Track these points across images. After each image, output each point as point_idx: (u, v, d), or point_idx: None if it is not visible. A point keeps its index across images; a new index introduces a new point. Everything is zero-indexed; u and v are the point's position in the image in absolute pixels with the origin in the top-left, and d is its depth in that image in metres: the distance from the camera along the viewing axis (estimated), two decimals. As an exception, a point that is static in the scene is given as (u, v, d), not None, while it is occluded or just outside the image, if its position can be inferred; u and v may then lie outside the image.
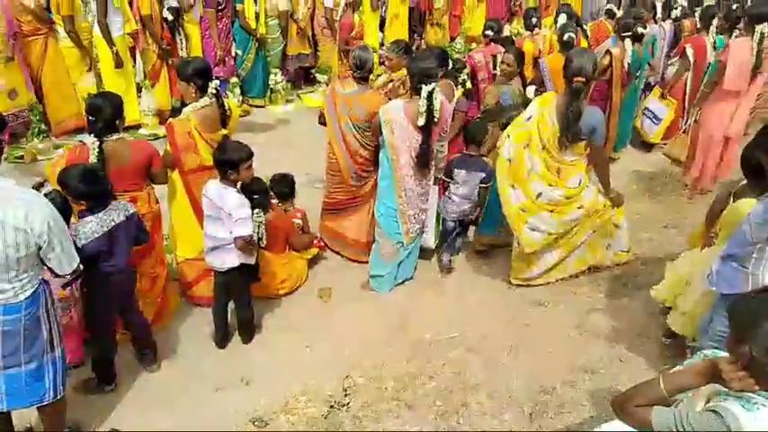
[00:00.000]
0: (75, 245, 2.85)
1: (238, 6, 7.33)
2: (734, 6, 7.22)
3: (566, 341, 3.79)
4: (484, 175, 4.41)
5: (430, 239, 4.56)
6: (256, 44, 7.62)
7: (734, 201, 3.33)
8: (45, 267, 2.54)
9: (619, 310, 4.05)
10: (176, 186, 3.82)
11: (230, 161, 3.35)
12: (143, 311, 3.50)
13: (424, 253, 4.58)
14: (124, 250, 3.11)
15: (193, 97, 3.72)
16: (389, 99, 4.30)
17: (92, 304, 3.18)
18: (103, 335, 3.27)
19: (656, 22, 7.11)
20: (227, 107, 3.81)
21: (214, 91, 3.70)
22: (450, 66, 4.98)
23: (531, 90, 4.37)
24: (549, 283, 4.31)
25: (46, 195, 2.58)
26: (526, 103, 4.73)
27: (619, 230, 4.30)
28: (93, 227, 2.93)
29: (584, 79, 3.71)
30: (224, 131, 3.81)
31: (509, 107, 4.72)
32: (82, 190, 2.92)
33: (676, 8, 7.27)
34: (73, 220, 2.99)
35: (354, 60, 4.26)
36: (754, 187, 2.95)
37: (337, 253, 4.70)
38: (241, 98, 7.65)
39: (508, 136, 3.99)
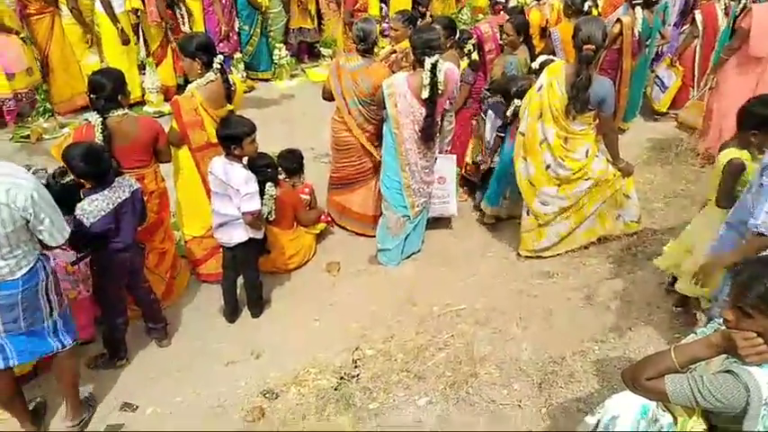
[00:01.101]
0: (84, 224, 2.88)
1: None
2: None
3: (575, 312, 3.78)
4: (500, 123, 4.51)
5: (453, 207, 4.58)
6: (261, 19, 7.51)
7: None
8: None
9: (628, 281, 4.03)
10: (183, 164, 3.80)
11: (233, 136, 3.33)
12: (152, 287, 3.51)
13: (432, 224, 4.55)
14: (130, 227, 3.12)
15: (198, 73, 3.67)
16: (393, 71, 4.24)
17: (101, 281, 3.20)
18: (114, 311, 3.29)
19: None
20: (231, 82, 3.77)
21: (219, 66, 3.65)
22: (458, 36, 4.91)
23: (538, 61, 4.29)
24: (557, 255, 4.29)
25: (35, 173, 2.59)
26: (532, 72, 4.66)
27: (629, 201, 4.26)
28: (99, 205, 2.94)
29: (593, 47, 3.64)
30: (230, 107, 3.77)
31: (514, 77, 4.65)
32: (84, 169, 2.91)
33: None
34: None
35: (357, 33, 4.19)
36: (742, 141, 3.10)
37: (344, 228, 4.69)
38: (245, 74, 7.58)
39: (525, 110, 3.96)
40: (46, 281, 2.58)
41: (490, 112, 4.68)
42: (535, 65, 4.29)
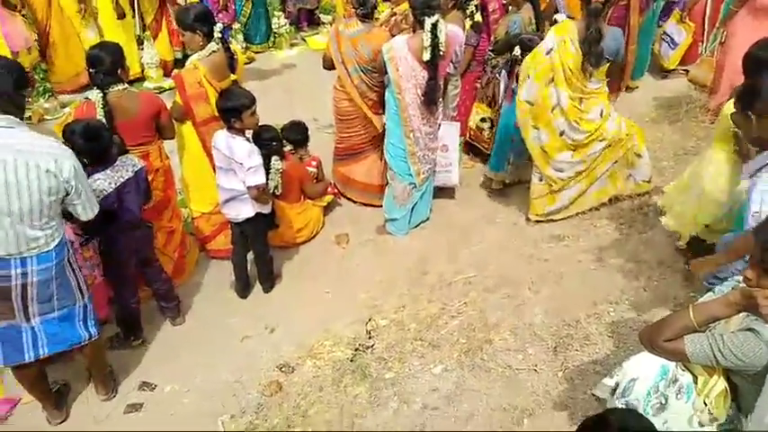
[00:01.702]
0: None
1: None
2: None
3: (587, 274, 3.76)
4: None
5: (455, 177, 4.51)
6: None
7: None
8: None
9: (640, 241, 4.00)
10: (188, 139, 3.75)
11: (232, 108, 3.27)
12: (162, 266, 3.51)
13: (438, 193, 4.52)
14: (135, 206, 3.10)
15: (200, 45, 3.59)
16: (393, 35, 4.13)
17: (111, 261, 3.19)
18: (125, 291, 3.30)
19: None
20: (233, 52, 3.69)
21: (219, 35, 3.57)
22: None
23: (557, 17, 4.16)
24: (568, 218, 4.25)
25: None
26: (539, 31, 4.55)
27: (640, 160, 4.19)
28: (101, 184, 2.91)
29: (601, 2, 3.55)
30: (233, 77, 3.70)
31: (518, 35, 4.54)
32: (84, 146, 2.87)
33: None
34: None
35: None
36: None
37: (350, 199, 4.66)
38: (245, 45, 7.45)
39: (528, 76, 3.85)
40: (69, 255, 2.64)
41: (504, 72, 4.57)
42: (560, 17, 4.14)
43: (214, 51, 3.58)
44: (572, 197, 4.16)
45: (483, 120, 4.85)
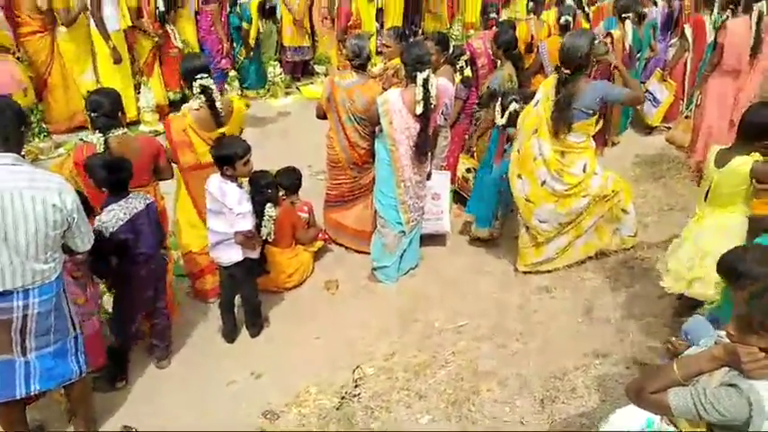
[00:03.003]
0: (104, 235, 2.97)
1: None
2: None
3: (575, 327, 3.79)
4: None
5: (446, 224, 4.58)
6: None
7: (719, 166, 3.29)
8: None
9: (626, 295, 4.05)
10: (182, 181, 3.81)
11: (225, 156, 3.36)
12: (167, 302, 3.51)
13: (427, 241, 4.56)
14: (149, 238, 3.18)
15: (193, 95, 3.67)
16: (384, 89, 4.26)
17: (123, 293, 3.23)
18: (130, 324, 3.33)
19: (655, 4, 7.03)
20: (219, 107, 3.64)
21: (200, 89, 3.56)
22: (450, 52, 4.95)
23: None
24: (555, 270, 4.30)
25: None
26: (519, 86, 4.72)
27: (626, 216, 4.28)
28: (116, 214, 3.03)
29: (569, 71, 3.73)
30: (221, 130, 3.67)
31: (497, 92, 4.71)
32: (106, 177, 3.02)
33: None
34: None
35: (351, 48, 4.21)
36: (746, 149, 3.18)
37: (341, 245, 4.69)
38: (241, 91, 7.62)
39: (520, 126, 4.02)
40: (64, 286, 2.66)
41: (494, 133, 4.63)
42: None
43: (195, 109, 3.61)
44: (558, 249, 4.23)
45: (468, 170, 4.99)
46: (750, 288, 2.00)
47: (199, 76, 3.53)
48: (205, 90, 3.56)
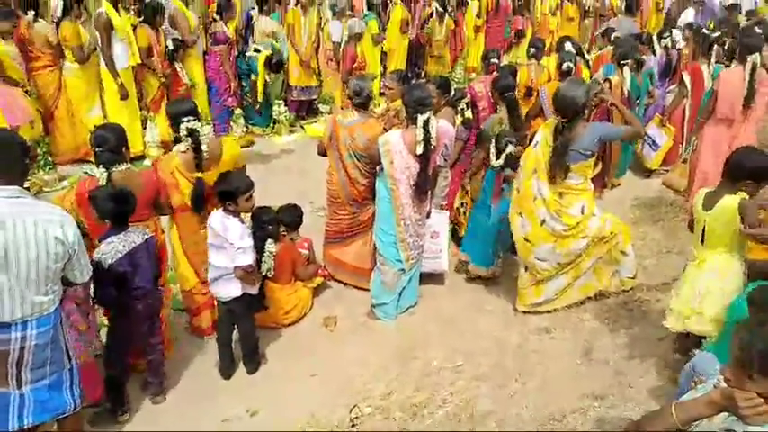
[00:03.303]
0: (103, 266, 2.98)
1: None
2: (729, 35, 7.30)
3: (574, 368, 3.76)
4: None
5: (445, 263, 4.59)
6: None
7: (707, 208, 3.32)
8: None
9: (625, 337, 4.03)
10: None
11: (228, 192, 3.40)
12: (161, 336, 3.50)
13: (427, 279, 4.57)
14: (147, 272, 3.19)
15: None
16: (386, 129, 4.35)
17: (119, 326, 3.22)
18: (125, 357, 3.32)
19: (654, 54, 7.17)
20: (204, 150, 3.59)
21: (186, 132, 3.54)
22: (452, 94, 5.06)
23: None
24: (555, 310, 4.29)
25: None
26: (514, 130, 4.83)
27: (625, 257, 4.29)
28: (115, 246, 3.05)
29: (566, 119, 3.80)
30: (198, 175, 3.61)
31: (487, 134, 4.82)
32: (112, 209, 3.06)
33: (666, 38, 7.34)
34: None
35: (353, 88, 4.32)
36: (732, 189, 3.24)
37: (340, 281, 4.70)
38: (245, 128, 7.74)
39: (521, 166, 4.08)
40: (61, 317, 2.66)
41: (491, 174, 4.69)
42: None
43: (182, 152, 3.61)
44: (557, 290, 4.23)
45: (462, 204, 5.08)
46: (741, 334, 2.00)
47: (185, 119, 3.51)
48: (191, 133, 3.53)
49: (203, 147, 3.57)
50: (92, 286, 3.02)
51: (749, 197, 3.20)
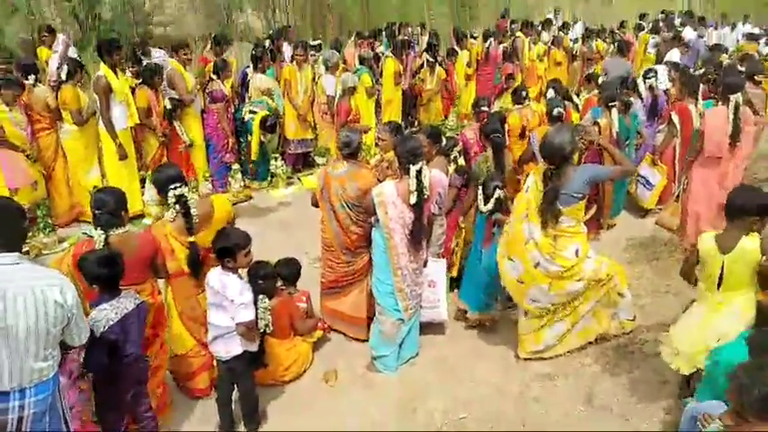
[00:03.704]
0: (93, 334, 2.93)
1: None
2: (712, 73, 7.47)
3: (577, 415, 3.72)
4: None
5: (443, 312, 4.58)
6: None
7: (725, 251, 3.33)
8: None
9: (627, 380, 3.99)
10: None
11: (226, 249, 3.42)
12: (150, 402, 3.45)
13: (425, 329, 4.55)
14: (136, 339, 3.16)
15: None
16: (378, 180, 4.41)
17: (106, 394, 3.17)
18: (120, 422, 3.25)
19: (640, 98, 7.30)
20: (194, 214, 3.60)
21: (174, 199, 3.55)
22: (444, 143, 5.16)
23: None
24: (556, 356, 4.26)
25: None
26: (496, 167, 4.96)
27: (623, 299, 4.28)
28: (107, 314, 3.01)
29: (553, 166, 3.87)
30: (190, 239, 3.62)
31: (475, 174, 4.93)
32: (100, 274, 3.02)
33: (651, 77, 7.49)
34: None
35: (342, 139, 4.41)
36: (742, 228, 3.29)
37: (339, 332, 4.68)
38: (243, 183, 7.84)
39: (513, 211, 4.13)
40: (59, 383, 2.65)
41: (481, 218, 4.80)
42: None
43: (170, 220, 3.63)
44: (557, 336, 4.21)
45: (456, 244, 5.12)
46: (736, 381, 2.01)
47: (172, 185, 3.53)
48: (179, 199, 3.55)
49: (193, 211, 3.58)
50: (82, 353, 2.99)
51: (758, 233, 3.27)
